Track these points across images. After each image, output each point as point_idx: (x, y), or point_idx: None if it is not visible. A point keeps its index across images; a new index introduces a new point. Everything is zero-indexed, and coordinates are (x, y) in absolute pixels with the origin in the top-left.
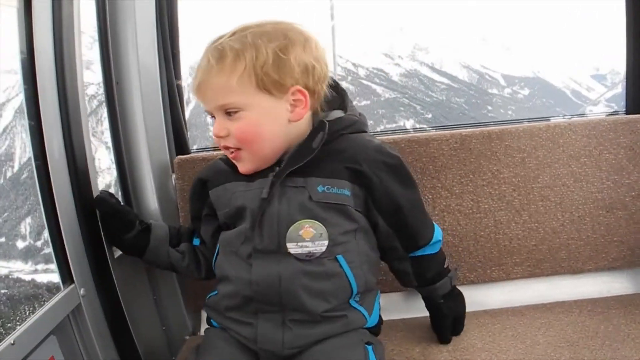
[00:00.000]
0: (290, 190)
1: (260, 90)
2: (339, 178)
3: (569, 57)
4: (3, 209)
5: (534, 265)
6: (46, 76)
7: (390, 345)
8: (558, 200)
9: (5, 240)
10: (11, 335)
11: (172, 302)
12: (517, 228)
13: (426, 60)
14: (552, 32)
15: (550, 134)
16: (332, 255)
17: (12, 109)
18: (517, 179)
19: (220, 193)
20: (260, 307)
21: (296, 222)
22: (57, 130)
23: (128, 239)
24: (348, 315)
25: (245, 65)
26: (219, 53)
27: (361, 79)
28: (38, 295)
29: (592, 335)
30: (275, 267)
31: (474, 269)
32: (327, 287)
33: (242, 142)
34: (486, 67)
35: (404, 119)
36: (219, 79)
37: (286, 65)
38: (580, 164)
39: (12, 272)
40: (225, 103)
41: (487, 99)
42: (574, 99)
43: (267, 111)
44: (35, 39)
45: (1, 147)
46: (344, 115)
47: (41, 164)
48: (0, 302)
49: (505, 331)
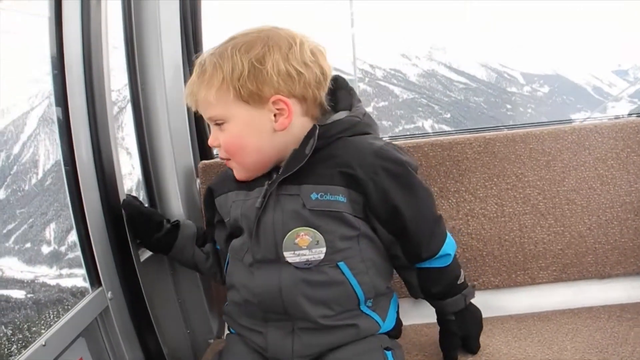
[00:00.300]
0: (285, 198)
1: (240, 101)
2: (332, 184)
3: (590, 53)
4: (28, 214)
5: (560, 270)
6: (75, 83)
7: (413, 350)
8: (584, 203)
9: (30, 246)
10: (43, 337)
11: (196, 306)
12: (543, 232)
13: (444, 60)
14: (572, 28)
15: (575, 137)
16: (333, 262)
17: (36, 117)
18: (542, 182)
19: (222, 202)
20: (268, 315)
21: (291, 231)
22: (86, 136)
23: (157, 238)
24: (358, 323)
25: (222, 78)
26: (200, 67)
27: (379, 80)
28: (62, 300)
29: (622, 342)
30: (276, 276)
31: (498, 274)
32: (329, 295)
33: (228, 152)
34: (505, 65)
35: (422, 119)
36: (200, 93)
37: (263, 74)
38: (607, 167)
39: (38, 277)
40: (209, 116)
41: (506, 97)
42: (595, 95)
43: (248, 122)
44: (65, 47)
45: (26, 154)
46: (344, 117)
47: (70, 169)
48: (27, 306)
49: (531, 336)
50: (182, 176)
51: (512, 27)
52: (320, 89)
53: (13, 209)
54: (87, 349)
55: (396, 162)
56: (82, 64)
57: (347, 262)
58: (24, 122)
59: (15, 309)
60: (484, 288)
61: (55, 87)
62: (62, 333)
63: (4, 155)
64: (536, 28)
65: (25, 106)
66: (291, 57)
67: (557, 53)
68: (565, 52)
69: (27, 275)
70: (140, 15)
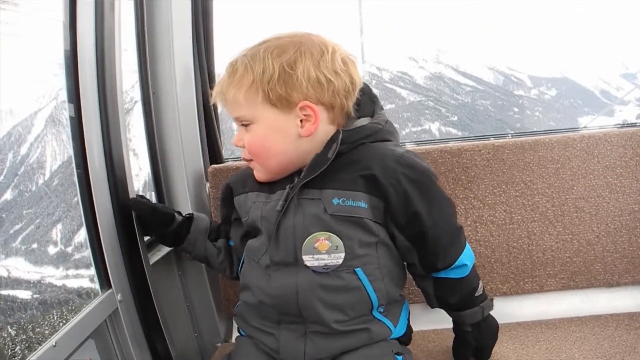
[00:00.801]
0: (306, 202)
1: (267, 104)
2: (354, 190)
3: (598, 56)
4: (35, 215)
5: (568, 278)
6: (88, 86)
7: (421, 356)
8: (593, 211)
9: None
10: (53, 337)
11: (204, 309)
12: (551, 239)
13: (451, 63)
14: (579, 31)
15: (584, 145)
16: (351, 268)
17: (44, 118)
18: (550, 190)
19: (241, 201)
20: (282, 317)
21: (311, 235)
22: (98, 138)
23: (171, 231)
24: (371, 328)
25: (253, 79)
26: (231, 67)
27: (385, 83)
28: (68, 301)
29: (630, 351)
30: (293, 279)
31: (506, 281)
32: (344, 300)
33: (251, 153)
34: (512, 68)
35: (429, 122)
36: (229, 93)
37: (292, 79)
38: (616, 175)
39: (44, 278)
40: (236, 116)
41: (514, 100)
42: (602, 98)
43: (275, 126)
44: (78, 48)
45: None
46: (367, 124)
47: (82, 171)
48: (33, 307)
49: (539, 344)
50: (191, 180)
51: (519, 30)
52: (348, 98)
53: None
54: (97, 351)
55: (418, 169)
56: (95, 66)
57: (364, 268)
58: (32, 123)
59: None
60: (492, 295)
61: (68, 88)
62: (72, 334)
63: (11, 156)
64: (544, 31)
65: (33, 107)
66: (322, 64)
67: (564, 56)
68: (573, 55)
69: (34, 276)
70: (152, 19)
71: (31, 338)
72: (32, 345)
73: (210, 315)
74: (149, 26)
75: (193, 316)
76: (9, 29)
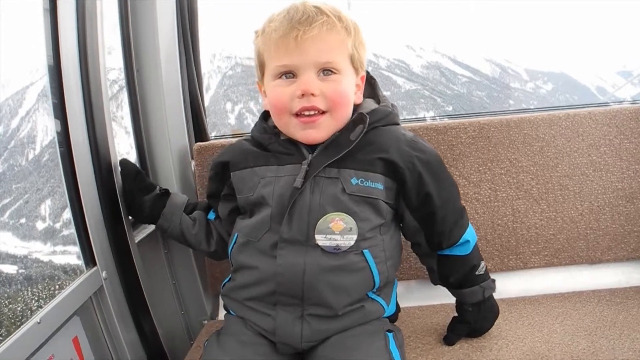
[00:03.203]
0: (323, 181)
1: (351, 63)
2: (373, 171)
3: (596, 53)
4: (25, 190)
5: (552, 255)
6: (70, 62)
7: (407, 332)
8: (577, 189)
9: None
10: (37, 314)
11: (190, 287)
12: (535, 217)
13: (448, 53)
14: (579, 28)
15: (569, 123)
16: (359, 249)
17: (36, 93)
18: (535, 168)
19: (246, 176)
20: (280, 299)
21: (327, 215)
22: (81, 117)
23: (148, 199)
24: (365, 306)
25: (352, 36)
26: (337, 13)
27: (382, 70)
28: (54, 277)
29: (610, 325)
30: (301, 258)
31: (491, 258)
32: (350, 282)
33: (334, 103)
34: (509, 60)
35: (424, 110)
36: (339, 36)
37: (365, 50)
38: (600, 153)
39: (32, 253)
40: (333, 60)
41: (509, 93)
42: (598, 95)
43: (351, 83)
44: (59, 26)
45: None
46: (378, 107)
47: (65, 150)
48: (18, 281)
49: (522, 320)
50: (177, 157)
51: (518, 23)
52: None
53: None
54: (82, 328)
55: (429, 153)
56: (77, 43)
57: (371, 250)
58: (24, 97)
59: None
60: None
61: (49, 67)
62: (57, 311)
63: (1, 130)
64: (543, 25)
65: (25, 81)
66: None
67: (563, 51)
68: (572, 51)
69: (21, 251)
70: None
71: (15, 313)
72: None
73: (196, 293)
74: (132, 2)
75: (179, 294)
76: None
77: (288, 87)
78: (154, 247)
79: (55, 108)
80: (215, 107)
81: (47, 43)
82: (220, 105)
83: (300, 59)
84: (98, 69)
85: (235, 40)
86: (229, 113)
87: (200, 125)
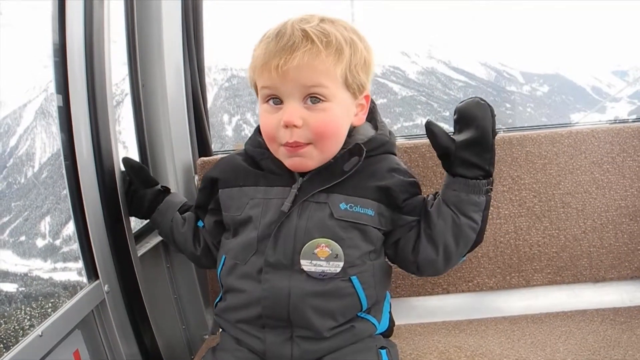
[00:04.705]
0: (312, 205)
1: (344, 87)
2: (364, 197)
3: (590, 53)
4: (24, 207)
5: (555, 273)
6: (77, 77)
7: (407, 349)
8: (580, 207)
9: (25, 239)
10: (39, 327)
11: (192, 302)
12: (538, 234)
13: (443, 58)
14: (572, 28)
15: (572, 140)
16: (347, 276)
17: (34, 110)
18: (538, 185)
19: (234, 195)
20: (268, 322)
21: (313, 240)
22: (86, 131)
23: (150, 192)
24: (356, 326)
25: (345, 59)
26: (326, 38)
27: (377, 77)
28: (54, 294)
29: (614, 345)
30: (286, 282)
31: (493, 275)
32: (336, 306)
33: (319, 135)
34: (504, 64)
35: (421, 116)
36: (324, 65)
37: (369, 69)
38: (602, 171)
39: (32, 270)
40: (319, 87)
41: (505, 96)
42: (594, 95)
43: (346, 109)
44: (67, 39)
45: (23, 146)
46: (376, 136)
47: (70, 164)
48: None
49: (524, 338)
50: (180, 172)
51: (512, 26)
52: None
53: (9, 201)
54: (83, 341)
55: (417, 183)
56: (84, 58)
57: (360, 276)
58: (21, 115)
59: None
60: (479, 289)
61: (56, 79)
62: (59, 324)
63: (0, 148)
64: (536, 27)
65: (23, 99)
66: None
67: (557, 53)
68: (566, 52)
69: (21, 269)
70: (142, 11)
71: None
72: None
73: (197, 308)
74: (138, 18)
75: (180, 308)
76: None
77: (274, 115)
78: (156, 261)
79: (61, 120)
80: (212, 119)
81: (55, 54)
82: (218, 118)
83: (283, 87)
84: (104, 83)
85: (230, 52)
86: (226, 125)
87: (203, 139)
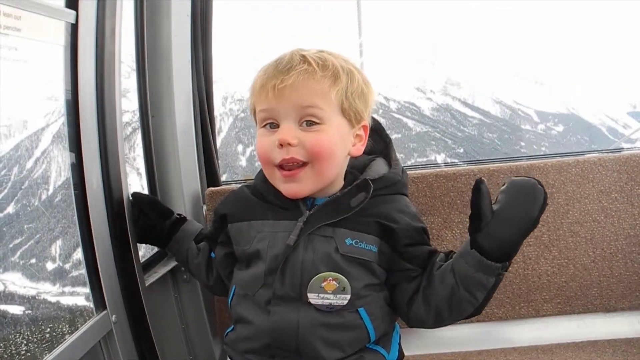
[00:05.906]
0: (318, 239)
1: (339, 113)
2: (368, 233)
3: (605, 94)
4: (36, 230)
5: (565, 303)
6: (87, 108)
7: None
8: (589, 236)
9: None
10: (46, 358)
11: (199, 332)
12: (547, 264)
13: (458, 95)
14: (587, 68)
15: (579, 169)
16: (354, 308)
17: (51, 134)
18: (546, 214)
19: (243, 229)
20: (277, 352)
21: (319, 274)
22: (96, 163)
23: (168, 224)
24: (365, 356)
25: (341, 84)
26: (322, 61)
27: (392, 112)
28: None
29: None
30: (294, 315)
31: (502, 305)
32: (345, 338)
33: (314, 155)
34: (519, 102)
35: (435, 152)
36: (319, 85)
37: (367, 100)
38: (611, 200)
39: (40, 294)
40: (314, 111)
41: (520, 134)
42: (609, 135)
43: (342, 135)
44: (79, 73)
45: (38, 170)
46: (388, 174)
47: (80, 193)
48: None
49: None
50: (189, 202)
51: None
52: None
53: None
54: None
55: (424, 230)
56: (95, 91)
57: (367, 307)
58: (39, 138)
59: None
60: (488, 320)
61: (67, 112)
62: (66, 355)
63: (16, 170)
64: (550, 66)
65: (40, 122)
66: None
67: (572, 92)
68: (580, 91)
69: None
70: (152, 45)
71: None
72: None
73: (205, 338)
74: (149, 50)
75: (188, 338)
76: (15, 54)
77: (270, 137)
78: (164, 290)
79: (72, 150)
80: (227, 149)
81: (67, 89)
82: (232, 148)
83: (278, 107)
84: (114, 115)
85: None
86: (240, 155)
87: (212, 169)
